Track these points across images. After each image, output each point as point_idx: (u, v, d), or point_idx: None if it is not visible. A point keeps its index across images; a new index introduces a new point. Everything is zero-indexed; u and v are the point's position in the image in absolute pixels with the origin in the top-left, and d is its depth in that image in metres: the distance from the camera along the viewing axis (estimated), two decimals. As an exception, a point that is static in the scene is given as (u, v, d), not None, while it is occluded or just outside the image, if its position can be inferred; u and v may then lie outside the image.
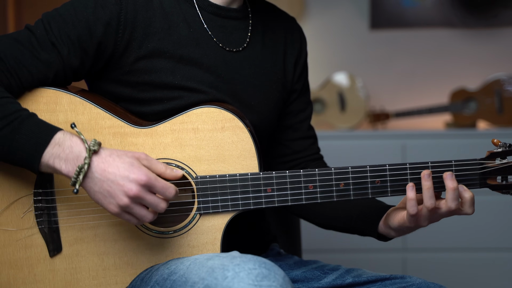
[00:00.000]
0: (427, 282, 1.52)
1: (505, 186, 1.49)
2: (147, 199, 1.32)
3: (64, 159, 1.32)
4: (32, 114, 1.35)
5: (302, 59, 1.74)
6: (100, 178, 1.31)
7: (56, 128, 1.34)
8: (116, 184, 1.31)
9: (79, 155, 1.31)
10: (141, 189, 1.31)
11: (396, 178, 1.47)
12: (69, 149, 1.32)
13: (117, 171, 1.31)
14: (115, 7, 1.46)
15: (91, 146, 1.31)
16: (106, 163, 1.32)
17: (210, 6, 1.57)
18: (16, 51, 1.40)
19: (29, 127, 1.32)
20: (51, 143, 1.32)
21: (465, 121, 3.44)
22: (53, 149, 1.32)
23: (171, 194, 1.34)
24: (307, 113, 1.77)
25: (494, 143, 1.50)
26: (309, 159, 1.76)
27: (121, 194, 1.31)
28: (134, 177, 1.31)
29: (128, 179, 1.31)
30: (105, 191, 1.32)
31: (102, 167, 1.31)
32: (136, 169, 1.32)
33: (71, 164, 1.31)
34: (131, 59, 1.48)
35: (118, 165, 1.32)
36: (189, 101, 1.50)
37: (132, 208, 1.33)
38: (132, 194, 1.30)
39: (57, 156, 1.32)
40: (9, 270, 1.43)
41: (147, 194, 1.32)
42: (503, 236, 3.16)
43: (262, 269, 1.25)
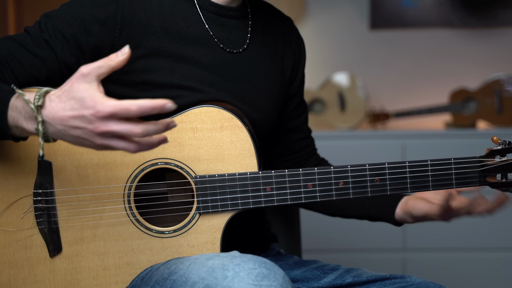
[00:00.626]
0: (427, 282, 1.53)
1: (505, 183, 1.50)
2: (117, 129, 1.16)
3: (23, 118, 1.24)
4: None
5: (301, 61, 1.75)
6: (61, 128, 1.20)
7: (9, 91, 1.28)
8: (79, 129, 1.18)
9: (32, 115, 1.23)
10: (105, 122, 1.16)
11: (395, 177, 1.48)
12: (23, 110, 1.25)
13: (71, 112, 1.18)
14: (112, 6, 1.46)
15: (35, 102, 1.21)
16: (57, 112, 1.19)
17: (211, 5, 1.57)
18: (11, 47, 1.42)
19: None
20: (9, 110, 1.26)
21: (465, 121, 3.44)
22: (12, 113, 1.26)
23: (132, 111, 1.15)
24: (305, 114, 1.81)
25: (494, 141, 1.50)
26: (307, 156, 1.80)
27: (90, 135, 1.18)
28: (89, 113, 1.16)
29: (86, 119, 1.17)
30: (77, 137, 1.19)
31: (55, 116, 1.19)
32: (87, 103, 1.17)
33: (31, 122, 1.24)
34: (130, 59, 1.47)
35: (65, 107, 1.19)
36: (188, 101, 1.50)
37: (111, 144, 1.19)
38: (99, 131, 1.17)
39: (17, 119, 1.25)
40: (9, 270, 1.43)
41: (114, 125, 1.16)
42: (503, 236, 3.16)
43: (262, 269, 1.25)
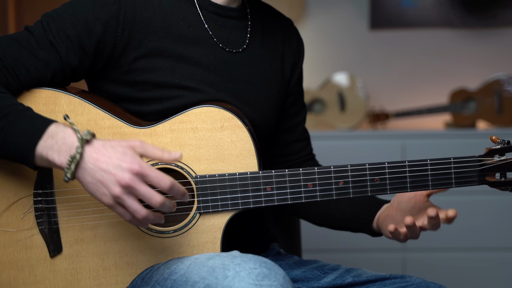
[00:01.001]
0: (426, 281, 1.53)
1: (504, 182, 1.50)
2: (140, 189, 1.27)
3: (57, 150, 1.29)
4: (27, 108, 1.35)
5: (300, 61, 1.75)
6: (93, 168, 1.28)
7: (49, 121, 1.32)
8: (108, 173, 1.27)
9: (72, 145, 1.28)
10: (133, 177, 1.26)
11: (395, 176, 1.48)
12: (62, 140, 1.29)
13: (110, 160, 1.27)
14: (114, 6, 1.46)
15: (83, 136, 1.28)
16: (98, 153, 1.28)
17: (211, 5, 1.57)
18: (14, 50, 1.41)
19: (23, 120, 1.32)
20: (44, 135, 1.30)
21: (465, 121, 3.45)
22: (46, 141, 1.29)
23: (166, 185, 1.28)
24: (302, 115, 1.79)
25: (493, 140, 1.50)
26: (303, 160, 1.79)
27: (113, 183, 1.26)
28: (126, 166, 1.26)
29: (121, 167, 1.26)
30: (98, 181, 1.28)
31: (94, 156, 1.28)
32: (129, 158, 1.27)
33: (64, 155, 1.29)
34: (131, 58, 1.48)
35: (111, 154, 1.28)
36: (188, 101, 1.50)
37: (124, 200, 1.27)
38: (124, 182, 1.26)
39: (50, 148, 1.29)
40: (9, 271, 1.44)
41: (140, 184, 1.27)
42: (503, 236, 3.17)
43: (262, 268, 1.25)
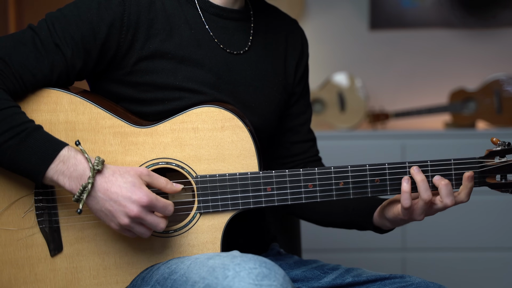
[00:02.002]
0: (426, 281, 1.53)
1: (504, 184, 1.50)
2: (147, 219, 1.35)
3: (68, 176, 1.34)
4: (38, 127, 1.36)
5: (303, 62, 1.74)
6: (103, 197, 1.34)
7: (61, 144, 1.35)
8: (118, 204, 1.34)
9: (83, 173, 1.34)
10: (142, 210, 1.34)
11: (395, 177, 1.48)
12: (73, 167, 1.34)
13: (120, 191, 1.34)
14: (119, 8, 1.46)
15: (95, 165, 1.33)
16: (109, 183, 1.34)
17: (212, 7, 1.57)
18: (21, 55, 1.40)
19: (35, 140, 1.34)
20: (56, 159, 1.33)
21: (464, 121, 3.45)
22: (58, 165, 1.34)
23: (170, 212, 1.38)
24: (307, 115, 1.77)
25: (493, 142, 1.50)
26: (308, 161, 1.77)
27: (122, 214, 1.34)
28: (136, 198, 1.33)
29: (130, 200, 1.33)
30: (107, 210, 1.35)
31: (105, 186, 1.34)
32: (138, 190, 1.34)
33: (74, 182, 1.34)
34: (133, 60, 1.48)
35: (121, 184, 1.34)
36: (190, 102, 1.50)
37: (132, 227, 1.36)
38: (133, 215, 1.34)
39: (61, 173, 1.34)
40: (10, 269, 1.44)
41: (147, 215, 1.35)
42: (503, 236, 3.17)
43: (262, 268, 1.25)
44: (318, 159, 1.79)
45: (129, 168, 1.37)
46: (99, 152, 1.44)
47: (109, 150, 1.45)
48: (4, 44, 1.41)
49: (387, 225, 1.57)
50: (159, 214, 1.37)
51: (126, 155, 1.45)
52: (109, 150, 1.45)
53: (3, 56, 1.39)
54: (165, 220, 1.38)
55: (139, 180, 1.36)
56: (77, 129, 1.44)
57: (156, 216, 1.37)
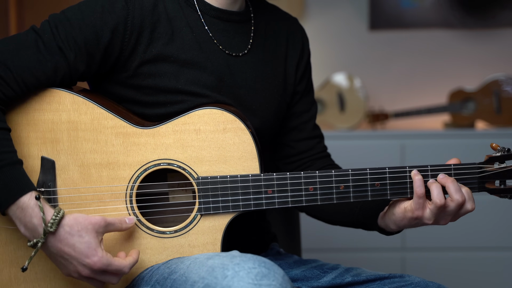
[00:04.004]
0: (426, 281, 1.53)
1: (503, 190, 1.50)
2: (98, 279, 1.37)
3: (24, 225, 1.34)
4: (14, 162, 1.36)
5: (304, 60, 1.73)
6: (55, 253, 1.36)
7: (26, 190, 1.34)
8: (69, 263, 1.35)
9: (36, 228, 1.34)
10: (92, 273, 1.35)
11: (395, 181, 1.48)
12: (29, 217, 1.33)
13: (73, 252, 1.34)
14: (123, 12, 1.46)
15: (49, 226, 1.33)
16: (62, 242, 1.34)
17: (212, 10, 1.57)
18: (23, 58, 1.40)
19: (4, 176, 1.34)
20: (15, 204, 1.33)
21: (464, 121, 3.45)
22: (16, 211, 1.34)
23: (124, 274, 1.39)
24: (311, 113, 1.76)
25: (493, 147, 1.50)
26: (316, 158, 1.75)
27: (73, 272, 1.36)
28: (88, 262, 1.34)
29: (82, 263, 1.34)
30: (59, 262, 1.37)
31: (58, 246, 1.35)
32: (92, 254, 1.34)
33: (28, 232, 1.35)
34: (136, 63, 1.48)
35: (75, 244, 1.34)
36: (192, 105, 1.50)
37: (84, 280, 1.38)
38: (84, 274, 1.35)
39: (18, 218, 1.34)
40: (10, 268, 1.44)
41: (98, 275, 1.36)
42: (502, 235, 3.16)
43: (261, 268, 1.26)
44: (326, 156, 1.78)
45: (87, 222, 1.35)
46: (101, 152, 1.45)
47: (111, 151, 1.45)
48: (6, 47, 1.41)
49: (391, 227, 1.55)
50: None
51: (128, 156, 1.45)
52: (111, 151, 1.45)
53: (5, 61, 1.39)
54: (119, 277, 1.38)
55: (95, 239, 1.35)
56: (79, 129, 1.44)
57: (109, 274, 1.37)
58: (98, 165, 1.45)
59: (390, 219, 1.54)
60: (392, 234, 1.60)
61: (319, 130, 1.78)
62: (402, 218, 1.50)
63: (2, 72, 1.38)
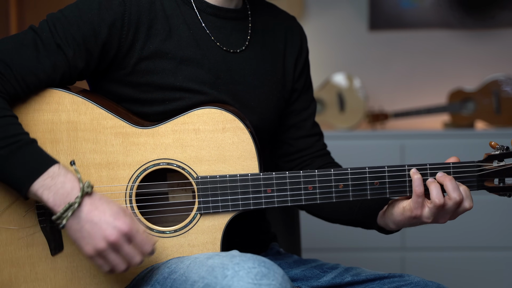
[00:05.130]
0: (425, 280, 1.53)
1: (503, 188, 1.50)
2: (124, 249, 1.33)
3: (54, 192, 1.32)
4: (32, 141, 1.36)
5: (302, 57, 1.73)
6: (85, 218, 1.32)
7: (53, 161, 1.34)
8: (98, 227, 1.32)
9: (71, 192, 1.32)
10: (121, 237, 1.32)
11: (394, 180, 1.48)
12: (61, 184, 1.32)
13: (103, 215, 1.32)
14: (120, 8, 1.47)
15: (85, 187, 1.32)
16: (94, 205, 1.33)
17: (209, 7, 1.57)
18: (23, 57, 1.40)
19: (26, 154, 1.33)
20: (45, 174, 1.32)
21: (463, 121, 3.45)
22: (45, 180, 1.32)
23: (148, 250, 1.35)
24: (310, 110, 1.76)
25: (492, 146, 1.51)
26: (315, 156, 1.75)
27: (101, 237, 1.31)
28: (118, 224, 1.32)
29: (112, 224, 1.32)
30: (86, 232, 1.32)
31: (89, 208, 1.32)
32: (121, 217, 1.33)
33: (59, 199, 1.32)
34: (134, 60, 1.49)
35: (105, 210, 1.33)
36: (191, 102, 1.51)
37: (107, 255, 1.33)
38: (111, 240, 1.31)
39: (47, 187, 1.32)
40: (11, 268, 1.44)
41: (125, 244, 1.33)
42: (502, 235, 3.17)
43: (261, 268, 1.26)
44: (326, 154, 1.78)
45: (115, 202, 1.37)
46: (101, 152, 1.45)
47: (110, 151, 1.45)
48: (5, 46, 1.41)
49: (390, 226, 1.55)
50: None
51: (127, 156, 1.46)
52: (111, 151, 1.45)
53: (5, 59, 1.39)
54: (142, 256, 1.35)
55: (124, 212, 1.34)
56: (79, 129, 1.44)
57: (134, 249, 1.34)
58: (97, 165, 1.45)
59: (389, 218, 1.54)
60: (391, 233, 1.61)
61: (319, 128, 1.78)
62: (401, 217, 1.51)
63: (3, 70, 1.38)
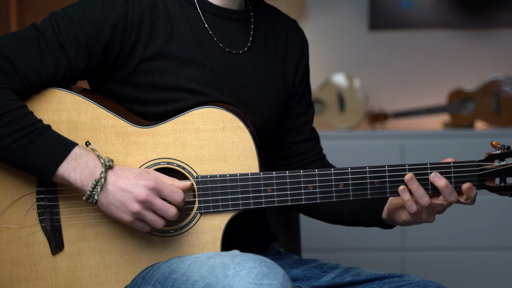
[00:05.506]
0: (425, 280, 1.53)
1: (503, 188, 1.50)
2: (156, 203, 1.38)
3: (80, 173, 1.37)
4: (48, 127, 1.39)
5: (303, 62, 1.74)
6: (113, 189, 1.37)
7: (73, 143, 1.39)
8: (126, 192, 1.37)
9: (94, 170, 1.37)
10: (150, 192, 1.37)
11: (395, 179, 1.48)
12: (84, 164, 1.37)
13: (127, 180, 1.38)
14: (122, 9, 1.47)
15: (106, 162, 1.38)
16: (117, 175, 1.38)
17: (212, 8, 1.58)
18: (26, 55, 1.41)
19: (46, 140, 1.36)
20: (68, 157, 1.37)
21: (463, 121, 3.45)
22: (69, 163, 1.37)
23: (180, 198, 1.41)
24: (309, 115, 1.77)
25: (493, 145, 1.51)
26: (313, 159, 1.77)
27: (132, 201, 1.37)
28: (143, 183, 1.37)
29: (138, 185, 1.37)
30: (117, 201, 1.37)
31: (114, 179, 1.38)
32: (144, 176, 1.38)
33: (86, 178, 1.37)
34: (136, 61, 1.49)
35: (128, 175, 1.38)
36: (192, 103, 1.51)
37: (144, 215, 1.38)
38: (142, 198, 1.36)
39: (73, 169, 1.37)
40: (11, 267, 1.44)
41: (156, 199, 1.38)
42: (502, 235, 3.17)
43: (262, 267, 1.26)
44: (322, 157, 1.80)
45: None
46: (101, 152, 1.45)
47: (110, 150, 1.45)
48: (8, 43, 1.42)
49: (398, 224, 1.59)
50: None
51: (128, 155, 1.46)
52: (111, 150, 1.45)
53: (8, 56, 1.40)
54: (175, 208, 1.40)
55: (146, 172, 1.40)
56: (79, 128, 1.45)
57: (165, 202, 1.39)
58: (98, 165, 1.45)
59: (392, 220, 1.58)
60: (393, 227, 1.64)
61: (316, 132, 1.80)
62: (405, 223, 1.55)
63: (7, 66, 1.39)
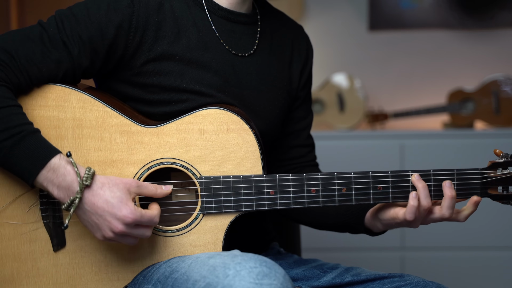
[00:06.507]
0: (425, 280, 1.54)
1: (506, 196, 1.51)
2: (132, 233, 1.38)
3: (57, 185, 1.35)
4: (34, 131, 1.37)
5: (308, 67, 1.74)
6: (89, 210, 1.36)
7: (53, 152, 1.37)
8: (103, 219, 1.36)
9: (71, 185, 1.35)
10: (126, 227, 1.36)
11: (398, 185, 1.48)
12: (62, 177, 1.35)
13: (106, 206, 1.35)
14: (128, 9, 1.47)
15: (84, 180, 1.35)
16: (96, 197, 1.36)
17: (220, 10, 1.58)
18: (28, 49, 1.41)
19: (29, 145, 1.35)
20: (46, 166, 1.35)
21: (463, 121, 3.45)
22: (48, 173, 1.35)
23: (156, 222, 1.41)
24: (307, 121, 1.78)
25: (496, 154, 1.51)
26: (304, 165, 1.77)
27: (107, 229, 1.36)
28: (121, 216, 1.35)
29: (115, 217, 1.35)
30: (93, 222, 1.37)
31: (92, 200, 1.36)
32: (124, 207, 1.36)
33: (62, 192, 1.36)
34: (141, 61, 1.49)
35: (108, 199, 1.36)
36: (197, 105, 1.51)
37: (117, 239, 1.39)
38: (117, 231, 1.37)
39: (51, 181, 1.35)
40: (13, 263, 1.45)
41: (132, 230, 1.38)
42: (501, 235, 3.17)
43: (263, 267, 1.26)
44: (315, 165, 1.79)
45: (118, 180, 1.38)
46: (105, 150, 1.45)
47: (115, 148, 1.46)
48: (12, 38, 1.42)
49: (379, 227, 1.57)
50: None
51: (132, 154, 1.46)
52: (115, 148, 1.46)
53: (10, 50, 1.40)
54: (151, 229, 1.41)
55: (127, 195, 1.37)
56: (84, 126, 1.45)
57: (142, 227, 1.39)
58: (102, 163, 1.46)
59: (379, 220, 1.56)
60: (377, 235, 1.62)
61: (312, 140, 1.80)
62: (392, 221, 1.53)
63: (7, 60, 1.40)
